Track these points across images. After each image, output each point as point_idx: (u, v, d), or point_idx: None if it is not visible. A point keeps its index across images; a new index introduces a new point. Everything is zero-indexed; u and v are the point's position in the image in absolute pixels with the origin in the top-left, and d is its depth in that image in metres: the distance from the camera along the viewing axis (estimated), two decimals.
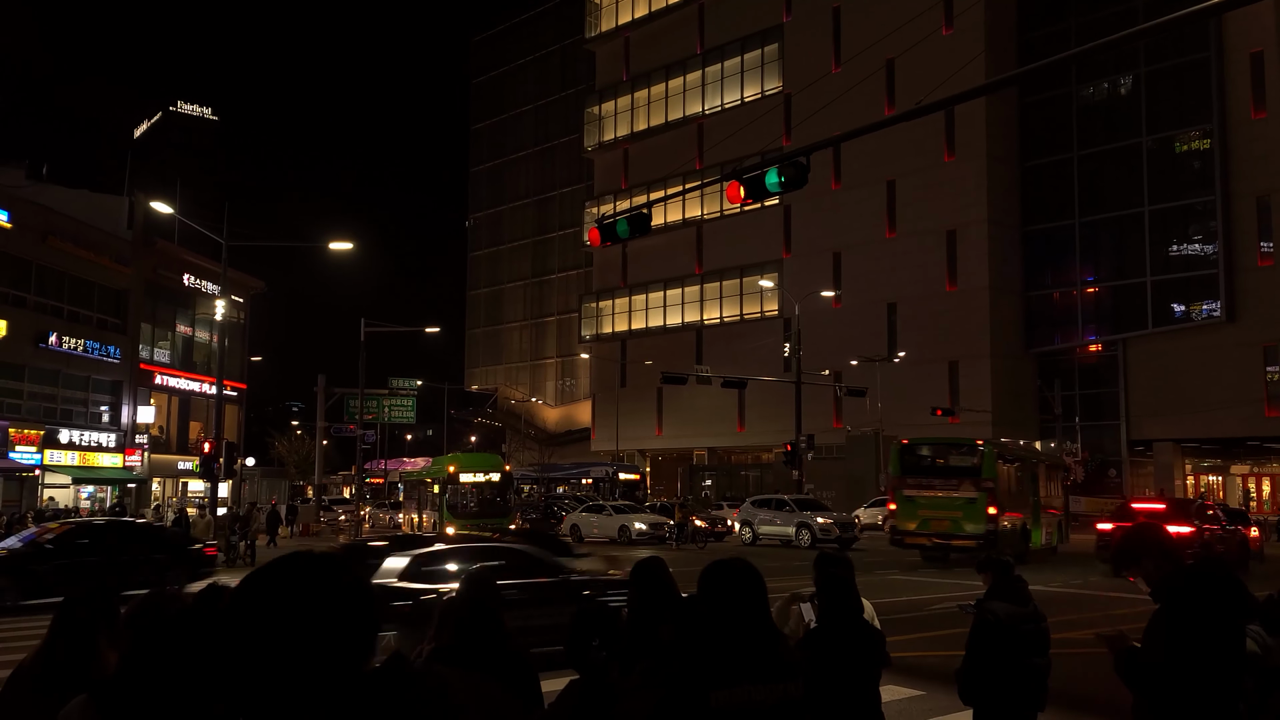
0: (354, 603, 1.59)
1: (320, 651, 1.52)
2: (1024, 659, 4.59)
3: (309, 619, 1.53)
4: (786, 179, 12.51)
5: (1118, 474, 49.71)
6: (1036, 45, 49.77)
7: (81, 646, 3.34)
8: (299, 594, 1.55)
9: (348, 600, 1.58)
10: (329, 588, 1.57)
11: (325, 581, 1.58)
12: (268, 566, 1.61)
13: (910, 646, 11.37)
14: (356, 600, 1.59)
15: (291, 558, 1.63)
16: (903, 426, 48.13)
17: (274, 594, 1.55)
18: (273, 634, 1.50)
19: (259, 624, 1.51)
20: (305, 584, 1.57)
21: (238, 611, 1.54)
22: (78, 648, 3.34)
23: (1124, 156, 49.17)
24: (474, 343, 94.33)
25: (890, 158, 49.50)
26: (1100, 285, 50.16)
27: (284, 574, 1.58)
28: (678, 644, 3.07)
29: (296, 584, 1.57)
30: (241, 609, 1.54)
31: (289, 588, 1.56)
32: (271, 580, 1.57)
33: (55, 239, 34.56)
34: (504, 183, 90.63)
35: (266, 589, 1.56)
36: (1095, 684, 8.91)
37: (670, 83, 64.72)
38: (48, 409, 34.88)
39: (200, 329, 44.78)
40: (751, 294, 58.79)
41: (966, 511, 24.19)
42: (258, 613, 1.53)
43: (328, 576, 1.59)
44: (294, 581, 1.57)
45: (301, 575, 1.58)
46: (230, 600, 1.58)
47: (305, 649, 1.52)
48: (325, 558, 1.64)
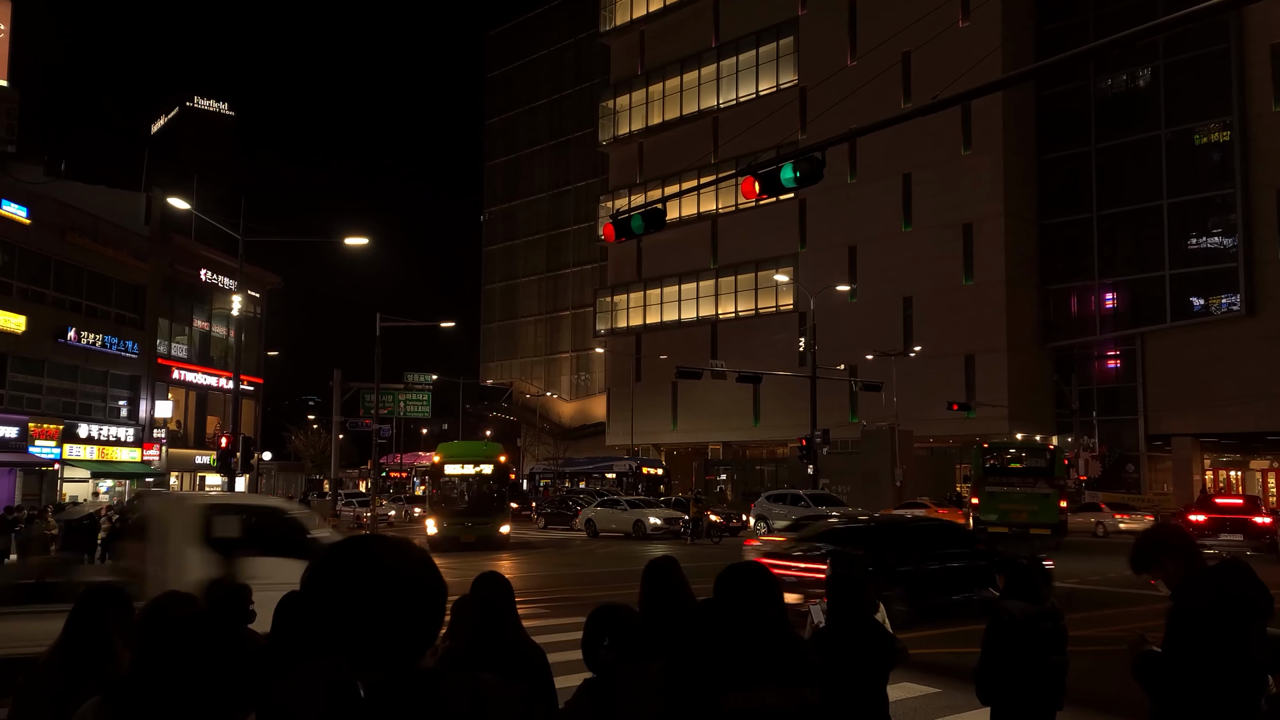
0: (411, 590, 1.60)
1: (379, 634, 1.54)
2: (1041, 657, 4.55)
3: (368, 600, 1.56)
4: (802, 174, 12.45)
5: (1135, 469, 49.38)
6: (1054, 37, 49.42)
7: (95, 644, 3.36)
8: (361, 576, 1.58)
9: (403, 586, 1.59)
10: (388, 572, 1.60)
11: (385, 566, 1.60)
12: (344, 547, 1.65)
13: (925, 644, 11.32)
14: (414, 588, 1.60)
15: (361, 542, 1.65)
16: (918, 421, 48.02)
17: (339, 576, 1.58)
18: (333, 614, 1.54)
19: (325, 602, 1.54)
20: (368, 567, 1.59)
21: (312, 589, 1.57)
22: (91, 645, 3.35)
23: (1143, 149, 48.75)
24: (489, 337, 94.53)
25: (906, 151, 49.24)
26: (1118, 279, 49.78)
27: (351, 557, 1.61)
28: (691, 645, 3.06)
29: (361, 567, 1.60)
30: (314, 587, 1.57)
31: (356, 570, 1.59)
32: (341, 563, 1.61)
33: (74, 235, 34.79)
34: (519, 177, 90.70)
35: (341, 571, 1.59)
36: (1115, 682, 8.84)
37: (685, 76, 64.56)
38: (67, 404, 35.15)
39: (217, 324, 45.03)
40: (766, 288, 58.64)
41: (1041, 505, 28.47)
42: (325, 591, 1.55)
43: (388, 561, 1.61)
44: (359, 565, 1.60)
45: (365, 559, 1.60)
46: (306, 579, 1.61)
47: (367, 630, 1.54)
48: (393, 543, 1.66)
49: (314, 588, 1.59)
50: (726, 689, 2.65)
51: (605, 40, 71.79)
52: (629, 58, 69.51)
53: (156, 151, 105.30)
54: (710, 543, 32.14)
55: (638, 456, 60.77)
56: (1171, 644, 3.34)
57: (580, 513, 39.22)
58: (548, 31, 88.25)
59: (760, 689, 2.67)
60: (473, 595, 3.88)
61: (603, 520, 36.51)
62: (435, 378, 53.37)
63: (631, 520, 35.47)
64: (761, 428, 58.86)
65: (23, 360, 32.71)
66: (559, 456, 71.11)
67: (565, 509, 42.68)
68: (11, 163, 37.86)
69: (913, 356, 48.67)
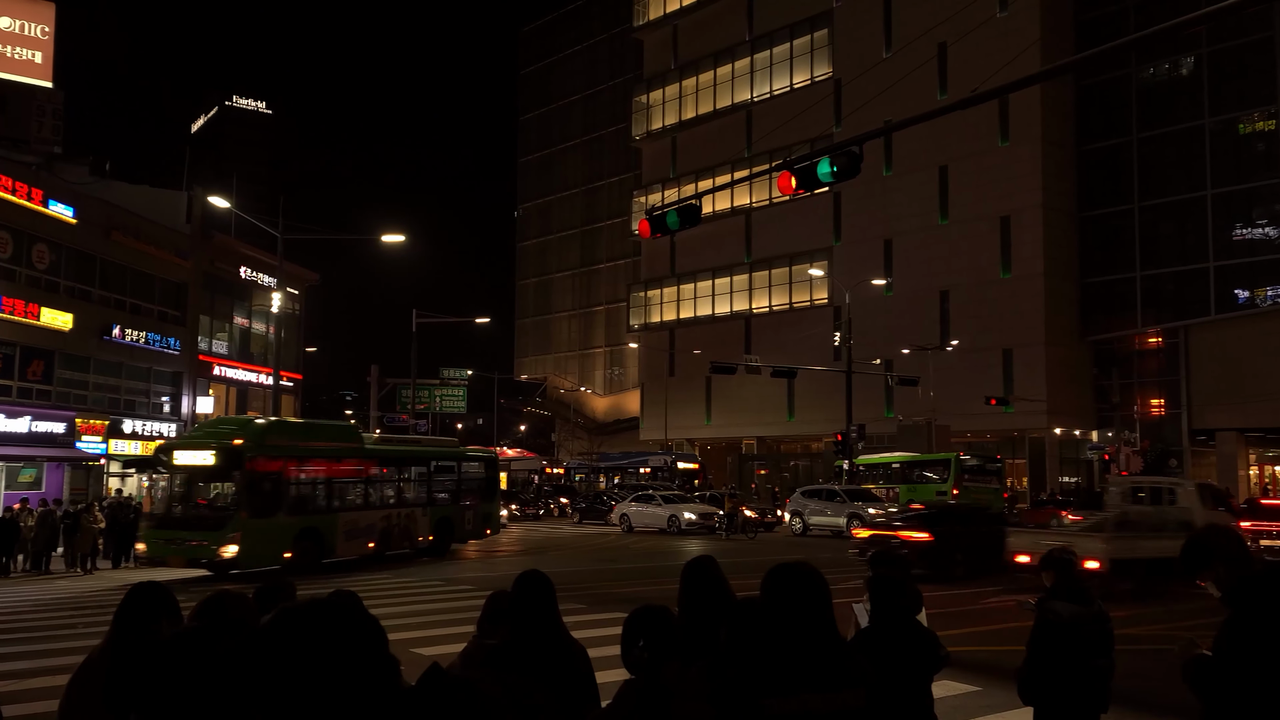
0: (368, 641, 1.74)
1: (345, 676, 1.61)
2: (1086, 660, 4.50)
3: (330, 653, 1.67)
4: (839, 169, 12.38)
5: (1179, 464, 48.57)
6: (1094, 26, 48.65)
7: (145, 639, 3.38)
8: (322, 635, 1.72)
9: (361, 639, 1.74)
10: (344, 630, 1.73)
11: (340, 624, 1.74)
12: (295, 612, 1.77)
13: (965, 641, 11.25)
14: (370, 639, 1.74)
15: (312, 608, 1.78)
16: (955, 416, 47.55)
17: (301, 637, 1.67)
18: (305, 666, 1.60)
19: (293, 658, 1.61)
20: (325, 627, 1.73)
21: (272, 645, 1.64)
22: (141, 640, 3.37)
23: (1185, 139, 47.88)
24: (523, 332, 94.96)
25: (942, 143, 48.74)
26: (1160, 271, 48.95)
27: (307, 620, 1.74)
28: (731, 647, 3.05)
29: (319, 627, 1.68)
30: (275, 645, 1.64)
31: (313, 631, 1.72)
32: (299, 625, 1.73)
33: (118, 234, 35.38)
34: (552, 173, 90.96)
35: (295, 633, 1.67)
36: (1158, 681, 8.73)
37: (719, 70, 64.36)
38: (112, 399, 35.78)
39: (257, 321, 45.61)
40: (801, 282, 58.35)
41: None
42: (291, 649, 1.62)
43: (341, 620, 1.75)
44: (317, 625, 1.68)
45: (320, 620, 1.72)
46: (264, 636, 1.67)
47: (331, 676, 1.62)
48: (336, 605, 1.78)
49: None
50: (769, 693, 2.64)
51: (638, 35, 71.73)
52: (662, 52, 69.41)
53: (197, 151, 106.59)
54: (745, 538, 32.09)
55: (672, 451, 60.78)
56: (1224, 648, 3.30)
57: (615, 508, 39.31)
58: (581, 27, 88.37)
59: (804, 694, 2.65)
60: (514, 593, 3.89)
61: (637, 516, 36.56)
62: (470, 373, 53.78)
63: (666, 515, 35.49)
64: (796, 422, 58.62)
65: (70, 357, 33.34)
66: (593, 451, 71.31)
67: (600, 504, 42.79)
68: (58, 163, 38.49)
69: (949, 351, 48.21)
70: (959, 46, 41.48)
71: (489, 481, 29.16)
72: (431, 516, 25.67)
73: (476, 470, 28.83)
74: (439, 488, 26.83)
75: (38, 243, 32.05)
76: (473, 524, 27.66)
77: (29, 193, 31.35)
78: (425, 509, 25.60)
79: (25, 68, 41.93)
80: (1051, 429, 49.53)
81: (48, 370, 32.45)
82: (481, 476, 28.88)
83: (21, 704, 8.68)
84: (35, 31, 42.57)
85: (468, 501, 27.58)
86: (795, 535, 34.22)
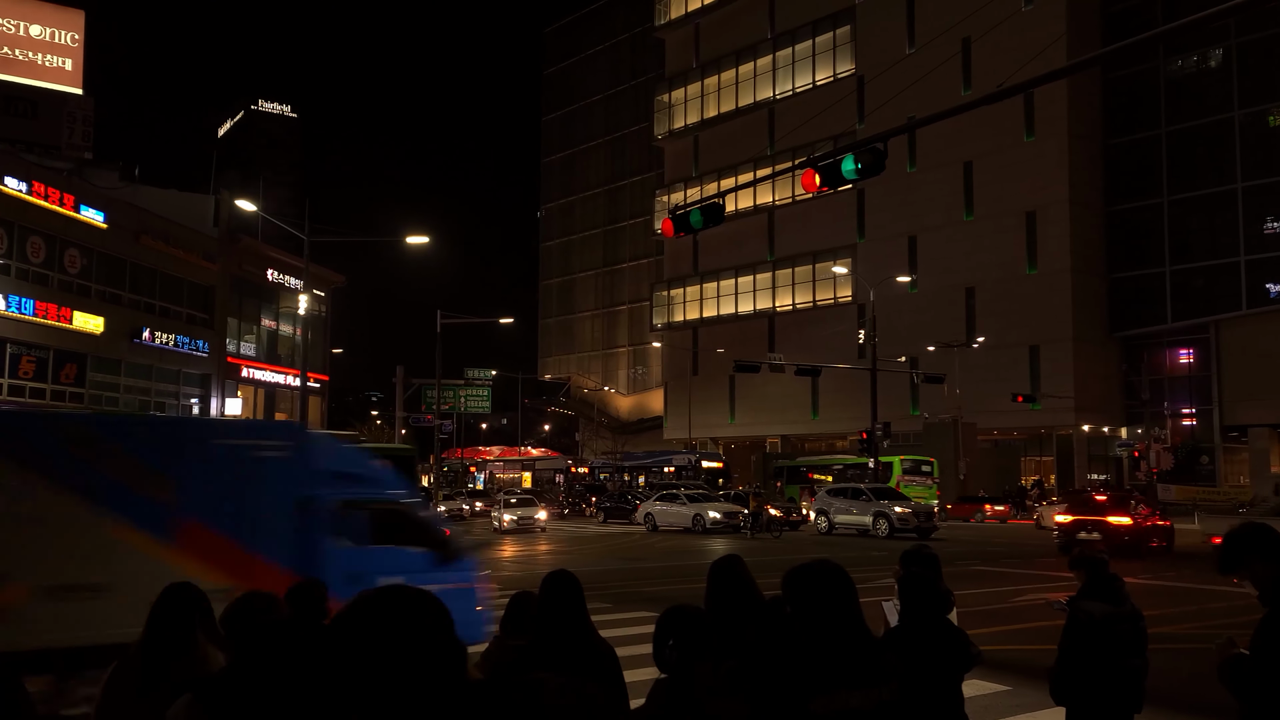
0: (439, 628, 1.72)
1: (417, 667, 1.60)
2: (1119, 660, 4.45)
3: (405, 642, 1.66)
4: (863, 166, 12.32)
5: (1210, 461, 47.99)
6: (1121, 18, 48.14)
7: (180, 641, 3.42)
8: (395, 622, 1.70)
9: (434, 627, 1.72)
10: (419, 618, 1.72)
11: (415, 612, 1.72)
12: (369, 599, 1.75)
13: (994, 640, 11.17)
14: (440, 626, 1.73)
15: (386, 594, 1.77)
16: (982, 414, 47.24)
17: (375, 622, 1.69)
18: (379, 653, 1.60)
19: (368, 645, 1.61)
20: (399, 615, 1.71)
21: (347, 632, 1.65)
22: (176, 642, 3.41)
23: (1215, 132, 47.29)
24: (546, 332, 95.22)
25: (967, 138, 48.38)
26: (1190, 265, 48.37)
27: (380, 606, 1.72)
28: (764, 647, 3.05)
29: (393, 614, 1.70)
30: (350, 631, 1.64)
31: (387, 617, 1.70)
32: (372, 610, 1.72)
33: (147, 238, 35.80)
34: (575, 173, 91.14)
35: (369, 617, 1.69)
36: (1192, 681, 8.63)
37: (741, 68, 64.22)
38: (143, 401, 36.21)
39: (284, 323, 45.99)
40: (824, 280, 58.14)
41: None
42: (366, 635, 1.62)
43: (416, 609, 1.74)
44: (390, 612, 1.70)
45: (395, 608, 1.71)
46: (338, 622, 1.69)
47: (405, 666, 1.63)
48: (414, 594, 1.77)
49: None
50: (813, 693, 2.66)
51: (660, 34, 71.71)
52: (684, 51, 69.36)
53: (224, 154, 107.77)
54: (770, 537, 32.01)
55: (696, 450, 60.73)
56: (1261, 647, 3.25)
57: (639, 507, 39.32)
58: (603, 26, 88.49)
59: (843, 691, 2.68)
60: (542, 592, 3.91)
61: (661, 515, 36.54)
62: (495, 373, 53.95)
63: (690, 514, 35.46)
64: (820, 420, 58.41)
65: (101, 360, 33.77)
66: (617, 450, 71.38)
67: (624, 503, 42.82)
68: (89, 169, 39.01)
69: (975, 348, 47.85)
70: (983, 41, 41.16)
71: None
72: None
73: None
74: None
75: (69, 247, 32.49)
76: None
77: (61, 198, 31.78)
78: None
79: (56, 75, 42.53)
80: (1079, 426, 49.08)
81: (80, 373, 32.90)
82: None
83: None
84: (65, 39, 43.16)
85: None
86: (821, 534, 34.09)
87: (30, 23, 42.13)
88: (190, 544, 8.97)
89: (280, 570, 9.07)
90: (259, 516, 9.39)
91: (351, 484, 10.44)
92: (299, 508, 9.54)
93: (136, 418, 12.28)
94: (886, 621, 5.01)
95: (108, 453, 8.77)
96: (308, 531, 9.60)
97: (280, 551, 9.42)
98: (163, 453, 9.17)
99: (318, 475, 9.95)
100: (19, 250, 30.49)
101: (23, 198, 30.16)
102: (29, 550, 8.36)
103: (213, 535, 9.12)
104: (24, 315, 29.98)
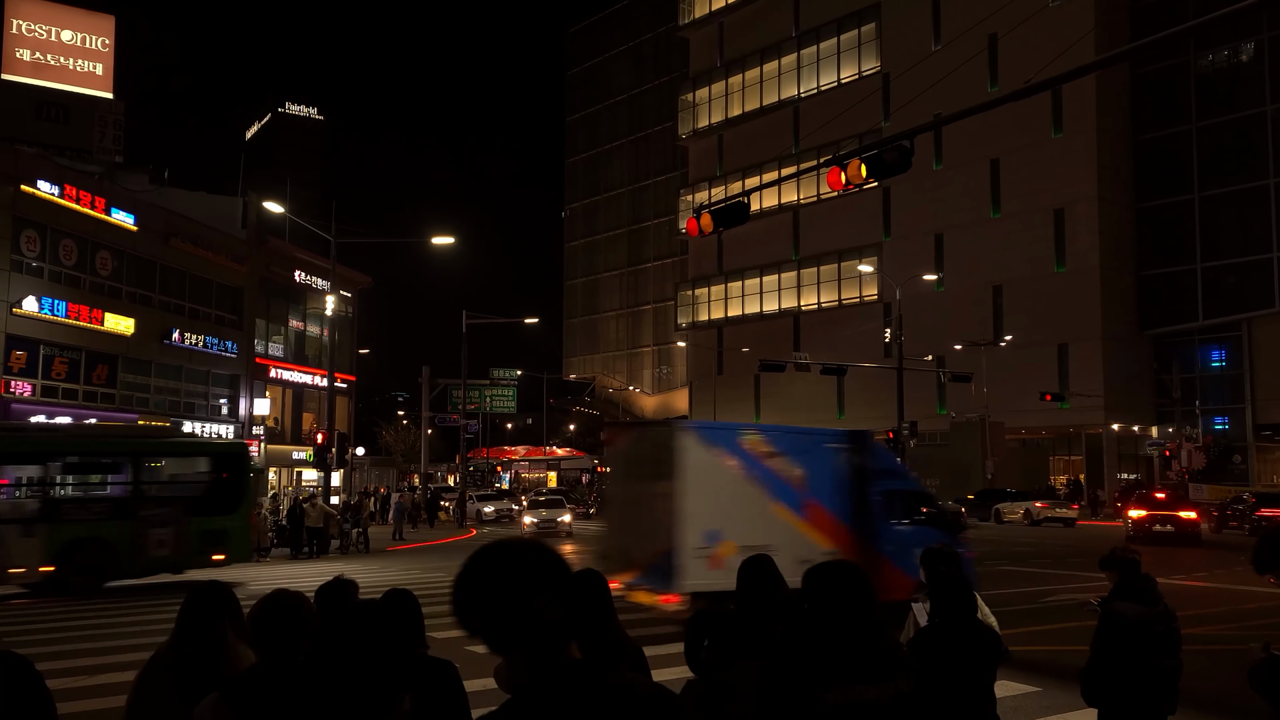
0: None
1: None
2: (1152, 661, 4.40)
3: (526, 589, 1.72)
4: (890, 163, 12.26)
5: (1243, 460, 47.33)
6: (1150, 11, 47.56)
7: (209, 638, 3.45)
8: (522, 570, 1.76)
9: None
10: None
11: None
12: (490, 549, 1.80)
13: (1024, 640, 11.08)
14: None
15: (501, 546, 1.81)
16: (1010, 412, 46.81)
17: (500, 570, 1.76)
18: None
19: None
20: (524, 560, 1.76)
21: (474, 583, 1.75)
22: (205, 641, 3.44)
23: (1246, 126, 46.63)
24: (571, 332, 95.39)
25: (993, 135, 47.99)
26: (1222, 262, 47.72)
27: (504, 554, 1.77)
28: (787, 644, 3.06)
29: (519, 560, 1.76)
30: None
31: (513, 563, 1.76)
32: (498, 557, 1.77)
33: (177, 240, 36.23)
34: (599, 173, 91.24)
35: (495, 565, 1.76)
36: (1229, 684, 8.52)
37: (765, 67, 64.03)
38: (172, 402, 36.64)
39: (311, 323, 46.39)
40: (850, 279, 57.86)
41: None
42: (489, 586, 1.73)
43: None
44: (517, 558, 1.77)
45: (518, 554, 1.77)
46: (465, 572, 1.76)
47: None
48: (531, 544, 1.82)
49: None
50: (825, 686, 2.69)
51: (684, 33, 71.64)
52: (708, 50, 69.25)
53: (251, 157, 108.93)
54: None
55: None
56: None
57: None
58: (627, 26, 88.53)
59: (858, 685, 2.72)
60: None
61: None
62: (520, 373, 54.16)
63: None
64: (846, 420, 58.09)
65: (132, 361, 34.21)
66: None
67: None
68: (119, 172, 39.52)
69: (1003, 346, 47.47)
70: (1010, 37, 40.81)
71: (216, 485, 20.07)
72: (51, 539, 17.71)
73: (184, 469, 20.90)
74: (86, 494, 19.93)
75: (101, 250, 32.94)
76: (173, 547, 18.85)
77: (92, 201, 32.23)
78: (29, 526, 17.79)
79: (87, 79, 43.12)
80: (1109, 425, 48.56)
81: (111, 374, 33.34)
82: (203, 479, 20.31)
83: (90, 699, 8.92)
84: (96, 44, 43.75)
85: (157, 514, 18.94)
86: None
87: (62, 28, 42.75)
88: (812, 518, 12.94)
89: (860, 541, 12.89)
90: (849, 499, 13.24)
91: (891, 478, 14.27)
92: (868, 494, 13.35)
93: (781, 429, 15.85)
94: (916, 622, 4.98)
95: (772, 454, 12.95)
96: (874, 512, 13.26)
97: (860, 527, 13.17)
98: (797, 453, 13.20)
99: (875, 471, 13.80)
100: (52, 253, 30.95)
101: (55, 201, 30.62)
102: (733, 519, 12.24)
103: (824, 512, 13.05)
104: (57, 317, 30.43)
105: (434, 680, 3.29)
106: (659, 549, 12.15)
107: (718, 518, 12.22)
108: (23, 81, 41.38)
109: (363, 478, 53.01)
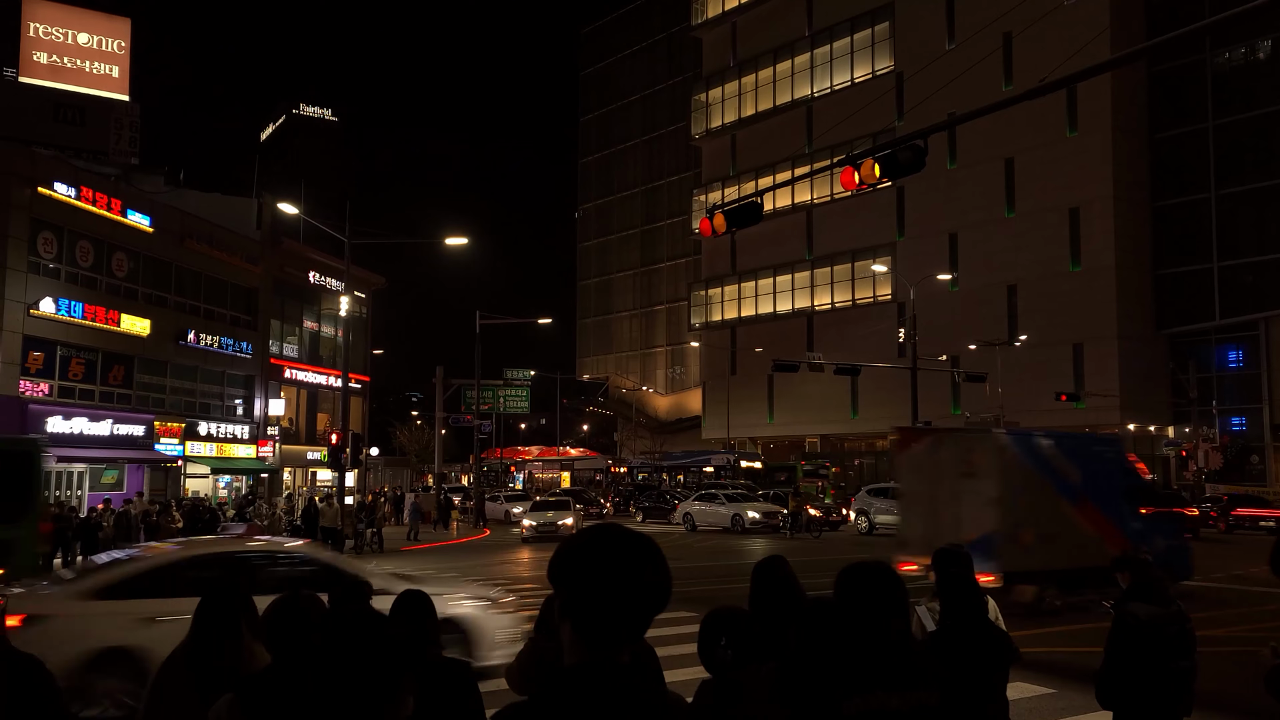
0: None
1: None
2: (1167, 662, 4.38)
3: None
4: (904, 163, 12.23)
5: (1261, 460, 46.96)
6: (1166, 9, 47.24)
7: (225, 639, 3.47)
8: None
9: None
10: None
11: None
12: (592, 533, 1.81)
13: (1038, 642, 11.03)
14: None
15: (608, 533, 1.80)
16: (1024, 413, 46.42)
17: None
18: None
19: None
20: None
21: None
22: (221, 641, 3.46)
23: (1263, 124, 46.26)
24: (584, 332, 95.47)
25: (1008, 134, 47.75)
26: (1239, 261, 47.35)
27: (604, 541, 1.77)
28: (804, 648, 3.03)
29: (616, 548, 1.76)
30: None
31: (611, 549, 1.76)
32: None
33: (192, 241, 36.42)
34: (612, 173, 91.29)
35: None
36: (1244, 687, 8.46)
37: (778, 66, 63.91)
38: (188, 403, 36.85)
39: (325, 324, 46.57)
40: (863, 278, 57.68)
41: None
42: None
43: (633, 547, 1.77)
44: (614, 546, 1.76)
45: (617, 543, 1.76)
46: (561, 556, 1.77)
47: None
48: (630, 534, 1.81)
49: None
50: (847, 694, 2.63)
51: (697, 33, 71.58)
52: (721, 50, 69.17)
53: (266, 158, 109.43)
54: (810, 537, 31.84)
55: (735, 450, 60.55)
56: None
57: (678, 506, 39.27)
58: (640, 26, 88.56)
59: (880, 693, 2.64)
60: None
61: (700, 514, 36.47)
62: (533, 373, 54.19)
63: (729, 514, 35.35)
64: (860, 420, 57.97)
65: (148, 362, 34.42)
66: (656, 450, 71.37)
67: (663, 503, 42.79)
68: (135, 174, 39.77)
69: (1017, 346, 47.24)
70: (1025, 36, 40.61)
71: None
72: None
73: None
74: None
75: (117, 251, 33.15)
76: None
77: (108, 203, 32.44)
78: None
79: (103, 82, 43.39)
80: (1125, 425, 48.23)
81: (127, 375, 33.54)
82: None
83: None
84: (113, 46, 44.03)
85: None
86: (862, 534, 33.84)
87: (78, 31, 43.05)
88: (1084, 512, 14.70)
89: (1119, 533, 14.45)
90: (1107, 494, 15.08)
91: (1133, 476, 16.87)
92: (1118, 489, 15.36)
93: (1061, 434, 17.38)
94: (922, 626, 4.95)
95: (1057, 455, 14.90)
96: (1123, 504, 15.24)
97: (1118, 519, 14.99)
98: (1074, 455, 15.19)
99: (1124, 470, 16.46)
100: (69, 254, 31.17)
101: (72, 203, 30.83)
102: (1031, 512, 14.24)
103: (1091, 505, 14.80)
104: (73, 318, 30.63)
105: (445, 680, 3.30)
106: (967, 537, 12.99)
107: (1021, 509, 14.20)
108: (40, 84, 41.68)
109: (377, 478, 53.17)
